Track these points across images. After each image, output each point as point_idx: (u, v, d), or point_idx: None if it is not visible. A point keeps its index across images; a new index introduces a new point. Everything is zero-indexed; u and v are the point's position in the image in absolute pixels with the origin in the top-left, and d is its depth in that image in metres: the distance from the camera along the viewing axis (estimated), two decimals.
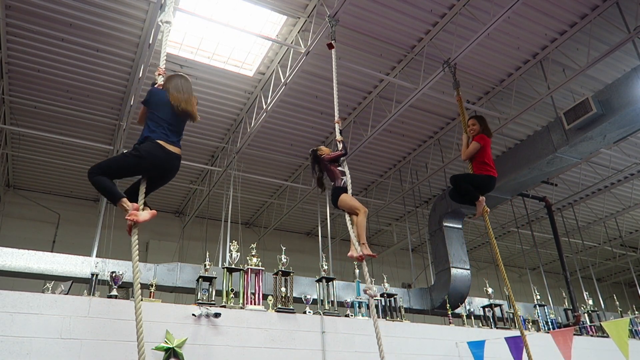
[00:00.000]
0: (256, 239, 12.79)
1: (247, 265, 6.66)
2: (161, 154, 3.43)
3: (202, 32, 8.01)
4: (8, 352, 4.59)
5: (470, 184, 5.22)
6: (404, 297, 10.48)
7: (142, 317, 3.11)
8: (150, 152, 3.40)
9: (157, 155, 3.42)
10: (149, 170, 3.47)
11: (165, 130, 3.48)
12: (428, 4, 7.35)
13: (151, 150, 3.40)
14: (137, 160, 3.41)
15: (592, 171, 11.99)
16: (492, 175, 5.21)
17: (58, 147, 10.56)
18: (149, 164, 3.42)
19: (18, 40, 7.73)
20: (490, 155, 5.31)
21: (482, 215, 5.30)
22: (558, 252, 11.54)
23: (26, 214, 11.94)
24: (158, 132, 3.46)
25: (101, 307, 5.25)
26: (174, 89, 3.64)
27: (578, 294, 11.35)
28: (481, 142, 5.22)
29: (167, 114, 3.55)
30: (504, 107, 9.29)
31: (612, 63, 8.64)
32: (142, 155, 3.39)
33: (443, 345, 7.53)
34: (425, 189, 12.73)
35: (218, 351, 5.65)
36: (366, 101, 9.47)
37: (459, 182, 5.29)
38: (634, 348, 6.70)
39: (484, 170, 5.19)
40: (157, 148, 3.42)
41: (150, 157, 3.40)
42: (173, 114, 3.57)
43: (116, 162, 3.61)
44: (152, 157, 3.41)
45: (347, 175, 4.75)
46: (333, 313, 6.95)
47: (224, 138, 10.66)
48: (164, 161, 3.47)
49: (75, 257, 8.14)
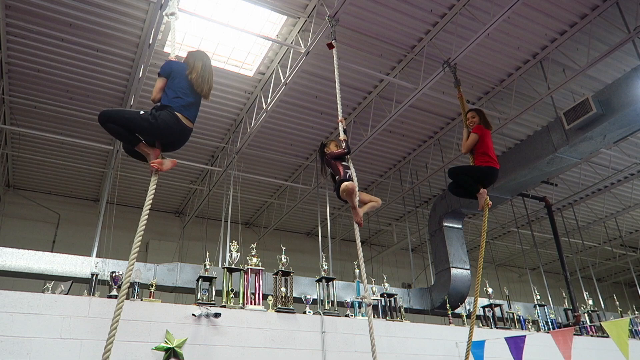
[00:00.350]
0: (256, 239, 12.79)
1: (247, 265, 6.67)
2: (177, 127, 3.39)
3: (202, 32, 8.01)
4: (8, 352, 4.60)
5: (470, 176, 5.09)
6: (404, 297, 10.48)
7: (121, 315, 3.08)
8: (167, 122, 3.35)
9: (172, 127, 3.38)
10: (158, 137, 3.43)
11: (184, 102, 3.45)
12: (428, 4, 7.35)
13: (168, 121, 3.35)
14: (151, 125, 3.34)
15: (592, 171, 11.99)
16: (493, 166, 5.06)
17: (58, 147, 10.55)
18: (160, 133, 3.38)
19: (18, 40, 7.73)
20: (491, 146, 5.17)
21: (483, 209, 5.11)
22: (558, 252, 11.53)
23: (26, 214, 11.94)
24: (177, 103, 3.42)
25: (101, 307, 5.25)
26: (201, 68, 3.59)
27: (578, 294, 11.35)
28: (479, 132, 5.12)
29: (187, 87, 3.51)
30: (504, 107, 9.29)
31: (612, 63, 8.64)
32: (158, 124, 3.34)
33: (443, 345, 7.53)
34: (425, 189, 12.73)
35: (218, 351, 5.65)
36: (366, 101, 9.47)
37: (457, 175, 5.15)
38: (634, 348, 6.69)
39: (484, 162, 5.06)
40: (174, 120, 3.37)
41: (165, 127, 3.35)
42: (192, 88, 3.54)
43: (130, 118, 3.42)
44: (167, 129, 3.37)
45: (352, 169, 4.74)
46: (333, 313, 6.96)
47: (224, 138, 10.66)
48: (177, 134, 3.43)
49: (75, 257, 8.14)
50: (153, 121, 3.33)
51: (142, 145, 3.39)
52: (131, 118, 3.39)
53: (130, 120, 3.38)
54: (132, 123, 3.37)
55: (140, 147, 3.40)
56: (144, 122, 3.34)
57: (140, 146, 3.39)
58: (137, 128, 3.38)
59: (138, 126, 3.37)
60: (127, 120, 3.36)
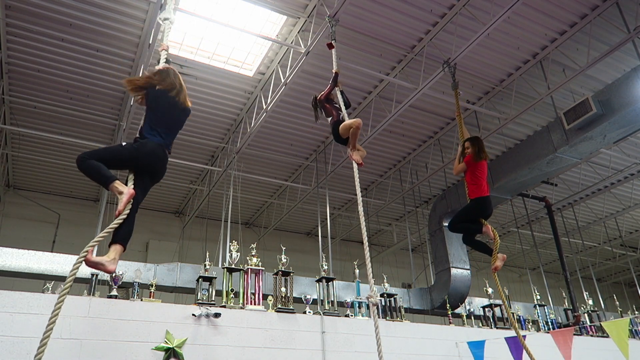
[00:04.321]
0: (256, 239, 12.78)
1: (247, 265, 6.66)
2: (161, 154, 3.36)
3: (202, 32, 8.01)
4: (8, 352, 4.60)
5: (465, 221, 5.07)
6: (404, 297, 10.48)
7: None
8: (152, 150, 3.32)
9: (157, 155, 3.34)
10: (141, 167, 3.35)
11: (163, 132, 3.42)
12: (428, 4, 7.35)
13: (152, 150, 3.32)
14: (135, 154, 3.28)
15: (592, 171, 11.99)
16: (480, 195, 5.00)
17: (58, 147, 10.55)
18: (145, 162, 3.32)
19: (18, 40, 7.73)
20: (483, 176, 5.08)
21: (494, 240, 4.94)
22: (558, 252, 11.53)
23: (26, 214, 11.93)
24: (156, 132, 3.39)
25: (101, 307, 5.25)
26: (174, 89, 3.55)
27: (578, 294, 11.35)
28: (468, 165, 5.08)
29: (165, 114, 3.48)
30: (504, 107, 9.29)
31: (612, 63, 8.64)
32: (142, 151, 3.29)
33: (443, 345, 7.53)
34: (425, 189, 12.73)
35: (218, 351, 5.65)
36: (366, 101, 9.47)
37: (455, 225, 5.15)
38: (634, 348, 6.70)
39: (472, 193, 5.03)
40: (157, 148, 3.34)
41: (149, 156, 3.31)
42: (171, 114, 3.51)
43: (111, 151, 3.38)
44: (151, 156, 3.32)
45: (343, 111, 4.87)
46: (333, 313, 6.96)
47: (224, 138, 10.66)
48: (160, 162, 3.39)
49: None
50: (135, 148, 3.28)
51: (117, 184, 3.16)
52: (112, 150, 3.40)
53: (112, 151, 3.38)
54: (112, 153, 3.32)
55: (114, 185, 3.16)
56: (124, 152, 3.28)
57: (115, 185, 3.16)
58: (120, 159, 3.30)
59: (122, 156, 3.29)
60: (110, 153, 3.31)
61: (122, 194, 3.14)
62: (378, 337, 3.33)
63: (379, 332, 3.35)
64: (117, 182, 3.16)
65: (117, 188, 3.15)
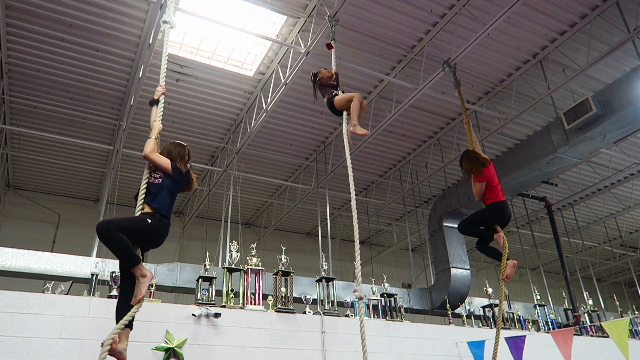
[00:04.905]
0: (256, 239, 12.79)
1: (247, 265, 6.67)
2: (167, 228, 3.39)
3: (202, 32, 8.01)
4: (8, 352, 4.60)
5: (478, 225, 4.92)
6: (404, 297, 10.48)
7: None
8: (167, 232, 3.35)
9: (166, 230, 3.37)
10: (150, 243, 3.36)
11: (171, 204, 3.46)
12: (428, 4, 7.35)
13: (167, 231, 3.36)
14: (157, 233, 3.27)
15: (592, 171, 11.99)
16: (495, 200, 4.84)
17: (58, 147, 10.56)
18: (157, 241, 3.34)
19: (18, 40, 7.73)
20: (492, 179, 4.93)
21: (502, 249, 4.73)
22: (558, 252, 11.53)
23: (26, 214, 11.93)
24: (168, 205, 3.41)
25: (101, 307, 5.25)
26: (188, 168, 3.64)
27: (578, 294, 11.35)
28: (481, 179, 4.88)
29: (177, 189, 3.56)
30: (504, 107, 9.29)
31: (612, 63, 8.64)
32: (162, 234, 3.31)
33: (443, 345, 7.53)
34: (425, 189, 12.73)
35: (218, 351, 5.65)
36: (366, 101, 9.46)
37: (465, 229, 5.00)
38: (634, 348, 6.70)
39: (487, 200, 4.88)
40: (168, 224, 3.38)
41: (163, 238, 3.35)
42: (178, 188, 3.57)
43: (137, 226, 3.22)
44: (164, 238, 3.36)
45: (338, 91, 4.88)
46: (333, 313, 6.96)
47: (223, 138, 10.66)
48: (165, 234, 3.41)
49: (75, 257, 8.13)
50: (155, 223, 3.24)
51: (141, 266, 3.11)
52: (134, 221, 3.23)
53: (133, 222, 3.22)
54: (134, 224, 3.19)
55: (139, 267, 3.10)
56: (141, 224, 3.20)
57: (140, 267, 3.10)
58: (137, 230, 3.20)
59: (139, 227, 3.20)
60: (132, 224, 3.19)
61: (145, 277, 3.10)
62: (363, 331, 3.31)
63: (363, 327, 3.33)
64: (142, 264, 3.13)
65: (142, 271, 3.10)
